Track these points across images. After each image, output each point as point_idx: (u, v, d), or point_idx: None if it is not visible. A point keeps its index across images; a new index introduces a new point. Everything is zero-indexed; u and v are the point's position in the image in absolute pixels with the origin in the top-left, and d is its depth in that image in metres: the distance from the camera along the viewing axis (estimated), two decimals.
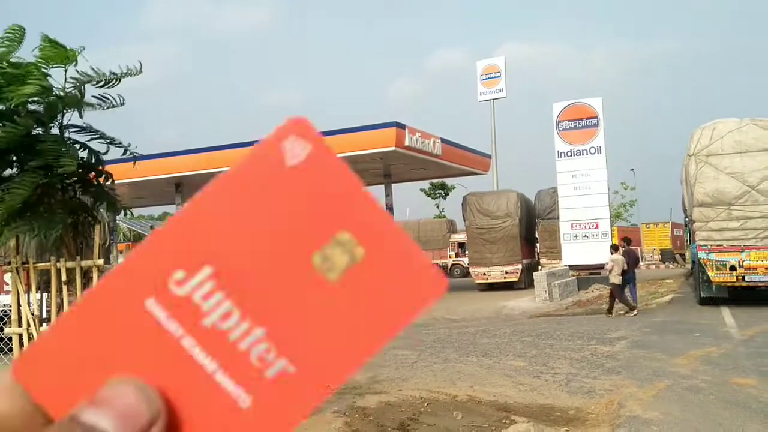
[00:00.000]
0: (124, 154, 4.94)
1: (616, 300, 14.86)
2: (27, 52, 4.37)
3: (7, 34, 4.29)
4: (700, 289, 16.57)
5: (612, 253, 15.28)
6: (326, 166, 0.33)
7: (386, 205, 30.00)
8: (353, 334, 0.32)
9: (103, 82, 4.62)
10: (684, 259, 40.72)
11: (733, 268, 15.65)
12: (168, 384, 0.32)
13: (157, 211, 66.46)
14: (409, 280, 0.32)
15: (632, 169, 60.67)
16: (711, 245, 15.99)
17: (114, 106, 4.77)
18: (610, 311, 15.05)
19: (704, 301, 16.46)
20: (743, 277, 15.57)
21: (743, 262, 15.61)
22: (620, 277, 14.63)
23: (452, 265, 43.16)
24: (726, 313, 14.53)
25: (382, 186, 29.92)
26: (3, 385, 0.31)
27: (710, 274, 15.85)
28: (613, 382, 7.79)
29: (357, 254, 0.32)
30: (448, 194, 63.55)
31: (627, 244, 16.38)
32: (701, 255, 16.06)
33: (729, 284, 15.81)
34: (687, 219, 19.54)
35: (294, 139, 0.33)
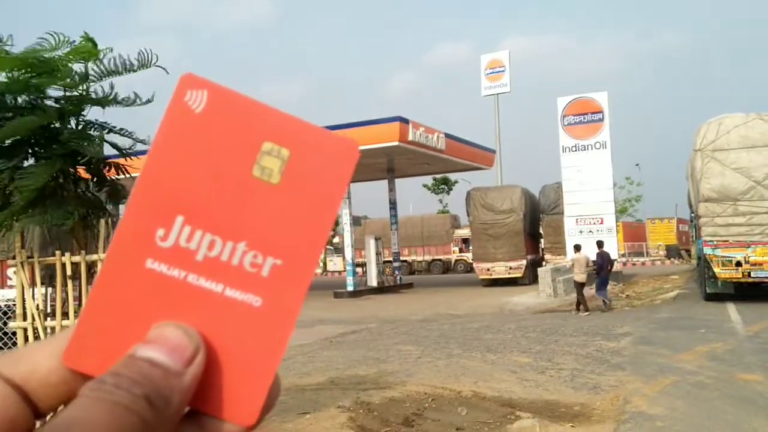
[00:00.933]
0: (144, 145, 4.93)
1: (586, 296, 15.24)
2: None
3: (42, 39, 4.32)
4: (706, 284, 16.53)
5: (574, 253, 15.95)
6: (227, 100, 0.38)
7: (389, 200, 30.00)
8: (311, 215, 0.38)
9: (119, 73, 4.60)
10: (689, 255, 40.65)
11: (738, 263, 15.61)
12: (193, 316, 0.37)
13: None
14: (330, 153, 0.38)
15: (637, 165, 60.52)
16: (717, 241, 15.94)
17: (143, 103, 4.75)
18: (578, 308, 15.30)
19: (710, 297, 16.43)
20: (749, 273, 15.53)
21: (749, 257, 15.56)
22: (584, 276, 15.06)
23: (456, 260, 43.14)
24: (732, 309, 14.49)
25: (386, 181, 29.91)
26: None
27: (716, 269, 15.81)
28: (619, 377, 7.77)
29: (284, 154, 0.38)
30: (451, 189, 63.49)
31: (600, 246, 16.80)
32: (707, 251, 16.01)
33: (735, 280, 15.77)
34: (693, 214, 19.48)
35: (191, 91, 0.38)
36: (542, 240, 30.91)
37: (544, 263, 27.26)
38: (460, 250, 42.14)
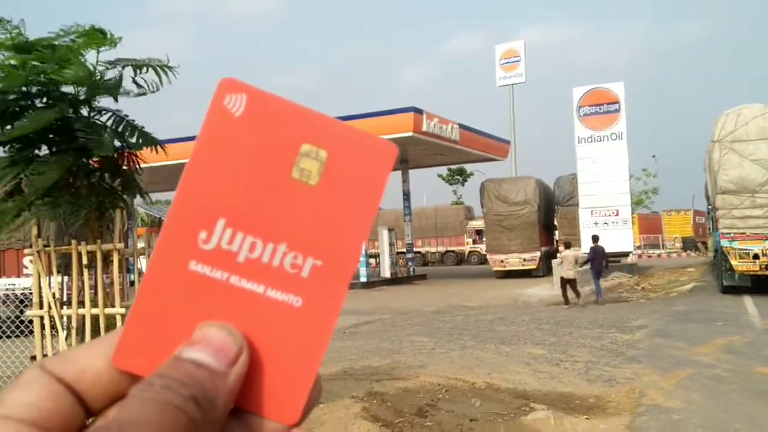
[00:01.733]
0: (153, 146, 4.93)
1: (577, 288, 15.56)
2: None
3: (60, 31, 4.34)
4: (723, 277, 16.39)
5: (562, 250, 16.33)
6: (265, 104, 0.38)
7: (403, 191, 29.96)
8: (349, 215, 0.39)
9: (131, 66, 4.61)
10: (706, 248, 40.31)
11: (756, 256, 15.45)
12: (235, 317, 0.38)
13: (172, 196, 67.34)
14: (368, 155, 0.39)
15: (654, 156, 60.08)
16: (734, 233, 15.78)
17: (151, 92, 4.75)
18: (567, 302, 15.59)
19: (726, 290, 16.29)
20: (766, 266, 15.36)
21: (767, 250, 15.39)
22: (572, 272, 15.23)
23: (469, 252, 43.06)
24: (749, 302, 14.35)
25: (399, 172, 29.85)
26: (35, 382, 0.35)
27: (733, 262, 15.66)
28: (634, 370, 7.72)
29: (322, 156, 0.38)
30: (466, 180, 63.32)
31: (595, 241, 17.08)
32: (724, 243, 15.86)
33: (752, 273, 15.61)
34: (710, 206, 19.30)
35: (230, 95, 0.38)
36: (557, 232, 30.75)
37: (558, 255, 27.13)
38: (474, 242, 42.05)
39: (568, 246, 16.65)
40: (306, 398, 0.38)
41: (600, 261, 16.32)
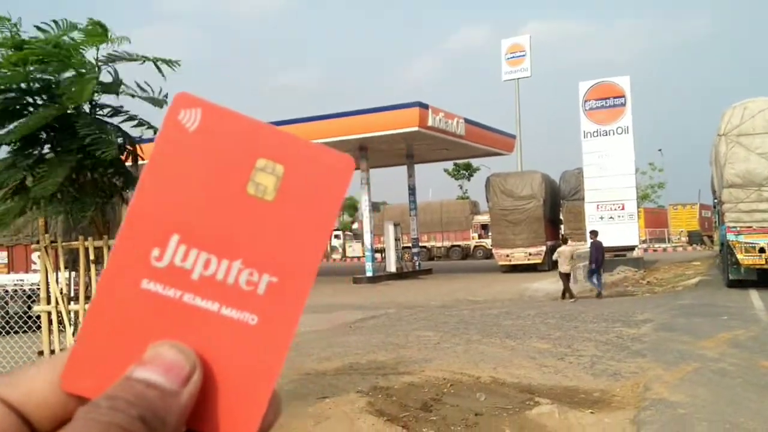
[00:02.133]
0: (155, 133, 4.94)
1: (570, 285, 16.10)
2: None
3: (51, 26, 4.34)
4: (729, 271, 16.33)
5: (560, 246, 16.72)
6: (220, 118, 0.38)
7: (409, 186, 29.95)
8: (306, 231, 0.38)
9: (129, 60, 4.62)
10: (712, 241, 40.14)
11: (762, 250, 15.38)
12: (189, 336, 0.37)
13: None
14: (325, 170, 0.38)
15: (660, 150, 59.79)
16: (740, 227, 15.72)
17: (155, 103, 4.72)
18: (563, 296, 15.97)
19: (732, 284, 16.24)
20: None
21: None
22: (568, 267, 15.82)
23: (475, 246, 43.04)
24: (755, 296, 14.30)
25: (405, 166, 29.84)
26: None
27: (739, 256, 15.61)
28: (639, 364, 7.72)
29: (278, 171, 0.38)
30: (472, 175, 63.24)
31: (594, 236, 17.34)
32: (730, 237, 15.81)
33: (758, 266, 15.55)
34: (716, 200, 19.21)
35: (184, 110, 0.38)
36: (562, 226, 30.71)
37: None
38: (480, 236, 42.02)
39: (565, 241, 17.27)
40: (260, 418, 0.37)
41: (599, 257, 16.62)
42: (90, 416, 0.32)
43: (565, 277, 15.97)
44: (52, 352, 4.83)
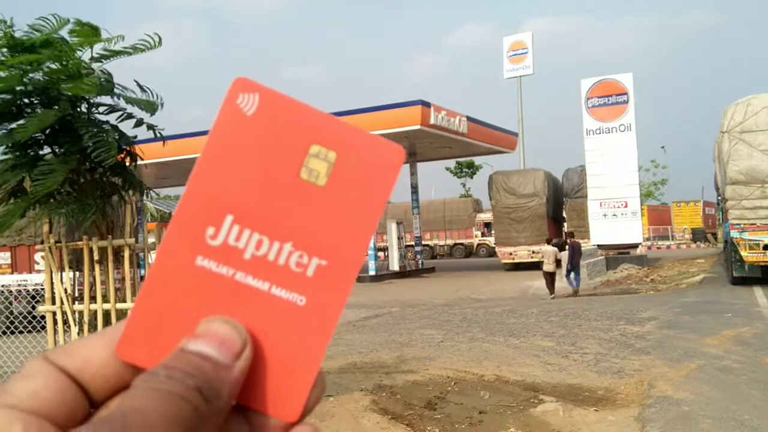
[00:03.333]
0: (154, 135, 4.94)
1: (555, 282, 16.61)
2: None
3: (44, 23, 4.34)
4: (732, 268, 16.31)
5: (543, 245, 17.83)
6: (277, 104, 0.39)
7: (411, 184, 29.93)
8: (356, 217, 0.39)
9: (119, 54, 4.62)
10: (716, 239, 40.10)
11: (766, 247, 15.37)
12: (239, 313, 0.39)
13: (182, 191, 67.62)
14: (377, 158, 0.39)
15: (663, 147, 59.73)
16: (744, 224, 15.70)
17: (153, 107, 4.71)
18: (553, 291, 16.51)
19: (736, 281, 16.21)
20: None
21: None
22: (553, 266, 16.35)
23: (478, 244, 43.01)
24: (759, 293, 14.27)
25: (407, 165, 29.83)
26: (40, 372, 0.35)
27: (743, 253, 15.58)
28: (643, 362, 7.71)
29: (331, 158, 0.39)
30: (474, 173, 63.19)
31: (571, 237, 18.31)
32: (734, 234, 15.78)
33: (762, 263, 15.53)
34: (719, 197, 19.20)
35: (243, 94, 0.39)
36: (565, 224, 30.68)
37: (567, 247, 27.06)
38: (483, 234, 41.99)
39: (549, 242, 18.05)
40: (306, 396, 0.39)
41: (575, 256, 17.23)
42: (149, 385, 0.33)
43: (549, 276, 16.52)
44: None
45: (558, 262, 16.68)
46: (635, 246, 25.30)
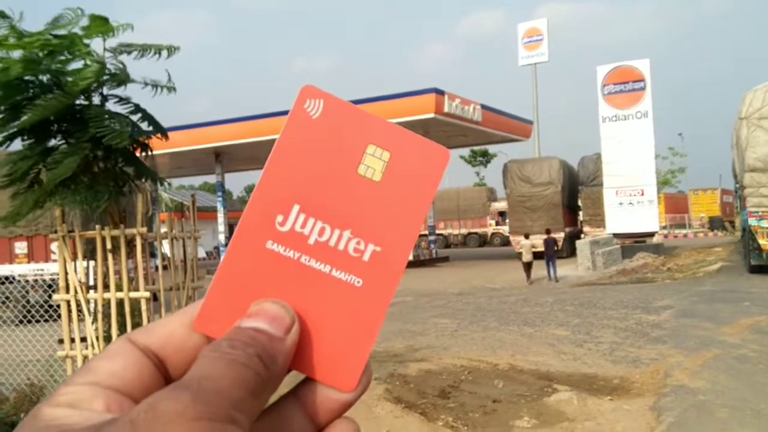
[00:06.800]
0: (159, 131, 4.95)
1: (531, 270, 18.96)
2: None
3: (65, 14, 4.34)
4: (750, 256, 16.13)
5: (522, 239, 20.30)
6: (339, 109, 0.44)
7: None
8: (407, 209, 0.44)
9: (137, 52, 4.63)
10: (733, 227, 39.69)
11: None
12: (304, 291, 0.43)
13: (197, 180, 67.51)
14: (425, 157, 0.44)
15: (680, 134, 59.14)
16: (762, 212, 15.51)
17: (169, 88, 4.74)
18: (529, 277, 18.80)
19: (754, 269, 16.04)
20: None
21: None
22: (530, 256, 18.87)
23: (492, 233, 42.89)
24: None
25: None
26: (121, 352, 0.39)
27: (761, 241, 15.41)
28: (659, 351, 7.65)
29: (385, 156, 0.44)
30: (489, 162, 62.94)
31: (548, 233, 20.54)
32: (752, 222, 15.60)
33: None
34: (737, 185, 18.95)
35: (310, 100, 0.44)
36: (581, 212, 30.48)
37: (582, 236, 26.92)
38: (497, 223, 41.86)
39: (527, 237, 20.13)
40: (362, 370, 0.42)
41: (549, 250, 19.36)
42: (214, 354, 0.36)
43: (526, 265, 18.87)
44: (72, 340, 4.88)
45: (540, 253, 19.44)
46: (651, 234, 25.09)
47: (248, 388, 0.36)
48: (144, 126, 4.89)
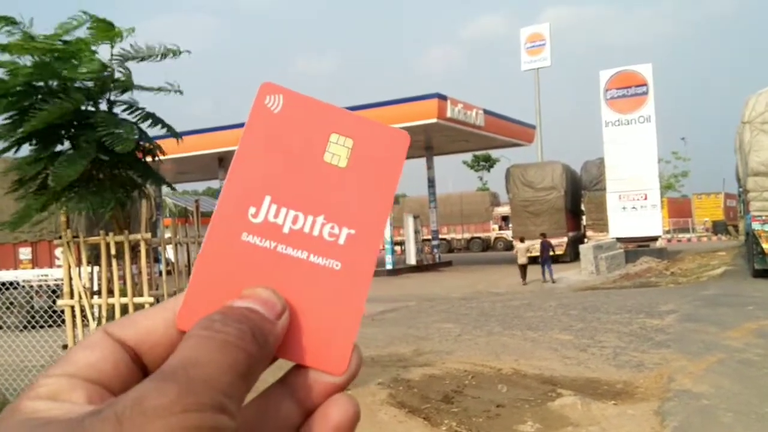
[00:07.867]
0: (173, 134, 4.97)
1: (526, 273, 19.86)
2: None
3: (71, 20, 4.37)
4: (754, 261, 16.09)
5: (518, 243, 21.53)
6: (299, 103, 0.46)
7: (428, 178, 29.87)
8: (375, 191, 0.45)
9: (141, 58, 4.66)
10: (737, 231, 39.57)
11: None
12: (284, 279, 0.43)
13: (201, 186, 67.58)
14: (386, 141, 0.46)
15: (683, 138, 59.11)
16: (766, 216, 15.48)
17: (175, 91, 4.77)
18: (524, 277, 19.69)
19: (758, 273, 15.99)
20: None
21: None
22: (525, 259, 19.79)
23: (495, 238, 42.83)
24: None
25: (424, 158, 29.75)
26: (99, 344, 0.39)
27: (765, 245, 15.38)
28: (663, 355, 7.63)
29: (348, 143, 0.45)
30: (492, 167, 62.93)
31: (543, 237, 21.25)
32: (755, 226, 15.57)
33: None
34: (741, 189, 18.92)
35: (270, 96, 0.45)
36: (584, 217, 30.44)
37: (585, 240, 26.88)
38: (500, 228, 41.80)
39: (522, 240, 21.32)
40: (351, 351, 0.43)
41: (547, 252, 20.23)
42: (205, 333, 0.36)
43: (522, 267, 19.70)
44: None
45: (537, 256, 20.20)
46: (655, 239, 25.04)
47: (238, 370, 0.35)
48: (156, 130, 4.91)
